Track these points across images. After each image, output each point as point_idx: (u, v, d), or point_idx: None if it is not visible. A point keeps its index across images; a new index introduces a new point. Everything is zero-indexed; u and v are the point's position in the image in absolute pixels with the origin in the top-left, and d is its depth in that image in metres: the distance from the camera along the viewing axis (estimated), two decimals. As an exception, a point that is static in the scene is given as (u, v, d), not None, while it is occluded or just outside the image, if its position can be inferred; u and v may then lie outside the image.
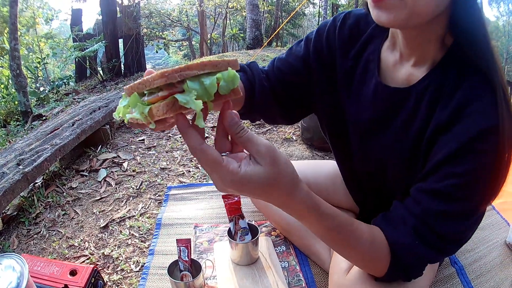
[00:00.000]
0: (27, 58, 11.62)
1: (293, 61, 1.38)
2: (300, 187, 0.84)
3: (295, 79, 1.38)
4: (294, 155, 3.21)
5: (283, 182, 0.79)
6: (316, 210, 0.88)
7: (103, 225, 2.41)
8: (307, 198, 0.86)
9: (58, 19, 26.63)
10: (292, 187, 0.82)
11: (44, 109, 6.94)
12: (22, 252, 2.26)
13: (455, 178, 0.93)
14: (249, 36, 13.29)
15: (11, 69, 6.34)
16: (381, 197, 1.36)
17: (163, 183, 2.87)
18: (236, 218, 1.86)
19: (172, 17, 16.62)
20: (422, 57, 1.05)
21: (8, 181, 2.39)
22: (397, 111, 1.11)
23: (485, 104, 0.90)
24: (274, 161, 0.76)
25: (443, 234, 0.97)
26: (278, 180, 0.77)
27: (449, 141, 0.94)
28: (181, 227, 2.27)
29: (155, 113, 0.67)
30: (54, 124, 3.57)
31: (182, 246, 1.70)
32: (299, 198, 0.84)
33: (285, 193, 0.81)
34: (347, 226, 0.95)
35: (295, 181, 0.83)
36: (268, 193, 0.79)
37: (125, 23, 9.77)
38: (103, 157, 3.38)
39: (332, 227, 0.93)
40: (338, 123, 1.36)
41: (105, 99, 4.31)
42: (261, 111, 1.43)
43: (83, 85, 9.84)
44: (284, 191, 0.81)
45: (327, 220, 0.91)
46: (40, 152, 2.84)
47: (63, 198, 2.79)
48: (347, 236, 0.96)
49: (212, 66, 0.69)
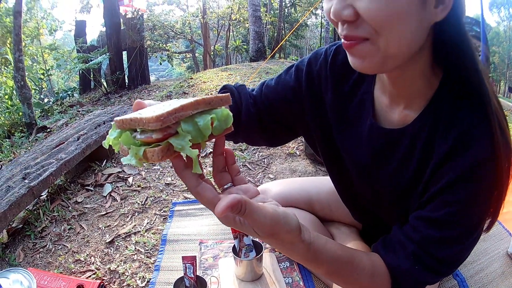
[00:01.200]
0: (31, 69, 11.63)
1: (282, 90, 1.38)
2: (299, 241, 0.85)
3: (283, 107, 1.39)
4: (297, 170, 3.23)
5: (278, 239, 0.81)
6: (315, 260, 0.91)
7: (109, 240, 2.43)
8: (306, 251, 0.87)
9: (62, 30, 26.72)
10: (290, 244, 0.84)
11: (49, 121, 6.97)
12: (28, 266, 2.28)
13: (451, 206, 0.96)
14: (252, 48, 13.33)
15: (16, 80, 6.36)
16: (379, 217, 1.39)
17: (168, 199, 2.89)
18: (240, 236, 1.89)
19: (176, 29, 16.67)
20: (412, 96, 1.06)
21: (14, 194, 2.42)
22: (393, 151, 1.13)
23: (480, 134, 0.92)
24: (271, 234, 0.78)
25: (442, 258, 0.99)
26: (273, 239, 0.80)
27: (446, 172, 0.96)
28: (186, 243, 2.29)
29: (150, 157, 0.67)
30: (59, 138, 3.59)
31: (187, 263, 1.72)
32: (298, 252, 0.86)
33: (284, 247, 0.85)
34: (348, 266, 0.97)
35: (294, 238, 0.84)
36: (262, 240, 0.85)
37: (129, 35, 9.81)
38: (108, 171, 3.41)
39: (332, 271, 0.96)
40: (332, 153, 1.37)
41: (110, 113, 4.34)
42: (245, 135, 1.45)
43: (87, 97, 9.88)
44: (282, 246, 0.84)
45: (327, 266, 0.94)
46: (45, 166, 2.87)
47: (68, 213, 2.81)
48: (348, 274, 0.98)
49: (206, 104, 0.71)
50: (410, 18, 0.85)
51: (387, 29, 0.85)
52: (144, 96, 7.97)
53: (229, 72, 8.53)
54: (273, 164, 3.39)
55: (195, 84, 7.61)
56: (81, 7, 22.06)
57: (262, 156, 3.54)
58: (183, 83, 8.10)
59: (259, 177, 3.17)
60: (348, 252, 0.99)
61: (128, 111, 4.43)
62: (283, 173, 3.21)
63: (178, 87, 7.64)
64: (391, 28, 0.85)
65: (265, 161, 3.44)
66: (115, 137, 0.72)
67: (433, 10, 0.87)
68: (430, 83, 1.02)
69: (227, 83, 1.57)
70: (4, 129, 6.48)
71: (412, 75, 1.01)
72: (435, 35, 0.94)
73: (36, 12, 19.69)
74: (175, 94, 6.99)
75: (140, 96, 8.13)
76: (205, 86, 7.16)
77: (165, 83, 10.50)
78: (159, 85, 9.76)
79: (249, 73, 8.25)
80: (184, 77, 13.49)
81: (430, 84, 1.02)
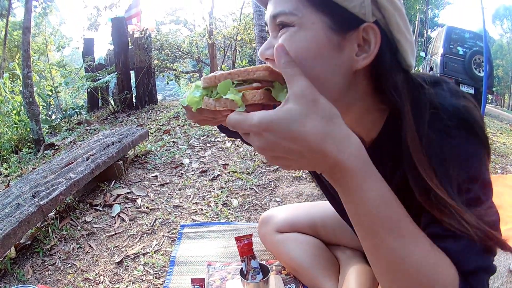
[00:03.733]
0: (38, 85, 11.68)
1: None
2: (342, 123, 0.79)
3: None
4: (304, 193, 3.27)
5: (320, 109, 0.76)
6: (369, 166, 0.81)
7: (118, 260, 2.46)
8: (357, 144, 0.80)
9: (70, 46, 26.86)
10: (331, 116, 0.77)
11: (56, 138, 7.02)
12: (37, 282, 2.30)
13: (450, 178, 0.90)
14: (258, 69, 13.39)
15: (24, 96, 6.39)
16: None
17: (176, 221, 2.93)
18: (248, 259, 1.93)
19: (183, 49, 16.71)
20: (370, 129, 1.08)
21: (24, 212, 2.45)
22: None
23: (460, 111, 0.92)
24: (311, 100, 0.76)
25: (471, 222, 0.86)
26: (313, 111, 0.75)
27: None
28: (194, 265, 2.32)
29: (250, 98, 0.79)
30: (68, 157, 3.64)
31: (196, 285, 1.77)
32: (342, 134, 0.78)
33: (324, 124, 0.75)
34: (426, 244, 0.85)
35: (335, 112, 0.78)
36: (302, 127, 0.73)
37: (136, 55, 9.85)
38: (117, 192, 3.46)
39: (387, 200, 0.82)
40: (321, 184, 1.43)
41: (119, 134, 4.39)
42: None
43: (94, 115, 9.92)
44: (322, 122, 0.75)
45: (384, 189, 0.82)
46: (55, 185, 2.91)
47: (77, 232, 2.85)
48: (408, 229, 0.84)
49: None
50: (319, 62, 0.89)
51: None
52: (151, 116, 8.00)
53: (236, 93, 8.56)
54: (280, 187, 3.43)
55: (202, 105, 7.65)
56: (89, 25, 22.19)
57: (269, 179, 3.58)
58: (191, 103, 8.15)
59: (266, 200, 3.21)
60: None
61: (136, 131, 4.50)
62: (289, 196, 3.25)
63: (185, 108, 7.66)
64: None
65: (272, 184, 3.48)
66: (199, 95, 0.85)
67: (354, 57, 0.91)
68: (382, 113, 1.04)
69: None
70: (11, 144, 6.49)
71: (360, 113, 1.03)
72: (372, 81, 0.97)
73: (44, 28, 19.84)
74: (183, 115, 7.03)
75: (148, 116, 8.17)
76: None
77: (173, 103, 10.52)
78: (167, 105, 9.78)
79: (256, 93, 8.26)
80: (191, 97, 13.51)
81: (382, 114, 1.04)
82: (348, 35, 0.89)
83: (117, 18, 10.46)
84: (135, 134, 4.42)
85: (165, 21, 24.14)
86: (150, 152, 4.78)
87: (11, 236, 2.27)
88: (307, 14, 0.88)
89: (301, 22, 0.88)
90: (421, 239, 0.84)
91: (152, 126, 6.67)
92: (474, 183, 0.90)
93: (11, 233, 2.27)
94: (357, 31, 0.89)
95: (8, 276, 2.38)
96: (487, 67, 6.41)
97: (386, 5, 0.88)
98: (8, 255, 2.53)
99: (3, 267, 2.44)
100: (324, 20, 0.88)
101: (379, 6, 0.88)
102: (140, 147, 4.86)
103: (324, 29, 0.88)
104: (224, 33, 17.84)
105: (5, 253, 2.34)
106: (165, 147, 5.15)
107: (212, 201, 3.25)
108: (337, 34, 0.89)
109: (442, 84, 1.00)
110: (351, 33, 0.89)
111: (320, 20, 0.88)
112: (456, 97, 0.95)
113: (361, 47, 0.91)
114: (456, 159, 0.90)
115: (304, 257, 1.98)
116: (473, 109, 0.93)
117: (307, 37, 0.88)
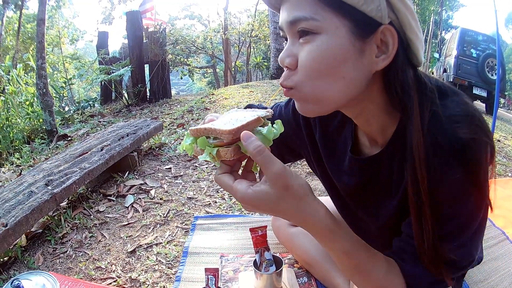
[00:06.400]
0: (52, 77, 11.71)
1: (286, 117, 1.50)
2: (311, 199, 0.92)
3: (289, 135, 1.48)
4: (317, 189, 3.26)
5: (292, 193, 0.89)
6: (331, 229, 0.94)
7: (131, 250, 2.46)
8: (324, 216, 0.93)
9: (83, 39, 27.01)
10: (301, 197, 0.91)
11: (69, 130, 7.04)
12: (48, 270, 2.30)
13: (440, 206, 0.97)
14: (273, 65, 13.30)
15: (38, 87, 6.40)
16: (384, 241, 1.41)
17: (190, 212, 2.93)
18: (261, 250, 1.92)
19: (197, 44, 16.73)
20: (380, 130, 1.11)
21: (37, 200, 2.45)
22: (376, 177, 1.17)
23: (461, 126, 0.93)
24: (283, 186, 0.88)
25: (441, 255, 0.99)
26: (285, 195, 0.88)
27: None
28: (207, 256, 2.33)
29: (223, 155, 0.88)
30: (82, 147, 3.64)
31: (210, 274, 1.76)
32: (309, 210, 0.92)
33: (296, 204, 0.90)
34: (365, 251, 1.01)
35: (305, 192, 0.92)
36: (277, 204, 0.89)
37: (151, 49, 9.86)
38: (130, 183, 3.47)
39: (350, 250, 0.98)
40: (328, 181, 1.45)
41: (133, 126, 4.39)
42: None
43: (108, 108, 9.96)
44: (294, 202, 0.90)
45: (343, 241, 0.97)
46: (69, 174, 2.91)
47: (90, 221, 2.86)
48: (363, 262, 1.00)
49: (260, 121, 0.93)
50: (344, 67, 0.93)
51: (315, 77, 0.94)
52: (165, 110, 8.01)
53: (250, 89, 8.61)
54: (294, 182, 3.41)
55: (216, 100, 7.69)
56: (103, 18, 22.33)
57: (283, 173, 3.57)
58: (205, 98, 8.18)
59: (279, 194, 3.19)
60: (364, 242, 1.03)
61: (151, 124, 4.50)
62: (303, 191, 3.22)
63: (199, 103, 7.72)
64: (319, 77, 0.94)
65: (286, 179, 3.46)
66: (189, 143, 0.94)
67: (374, 59, 0.94)
68: (394, 115, 1.06)
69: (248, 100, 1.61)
70: (23, 135, 6.51)
71: (372, 114, 1.07)
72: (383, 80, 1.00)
73: (58, 21, 19.96)
74: (197, 109, 7.05)
75: (161, 109, 8.18)
76: (226, 102, 7.25)
77: (186, 98, 10.54)
78: (180, 99, 9.80)
79: (270, 90, 8.32)
80: (206, 92, 13.60)
81: (395, 115, 1.06)
82: (369, 39, 0.92)
83: (132, 12, 10.45)
84: (150, 126, 4.42)
85: (180, 16, 24.21)
86: (164, 145, 4.79)
87: (23, 223, 2.27)
88: (328, 18, 0.90)
89: (324, 27, 0.90)
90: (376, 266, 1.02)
91: (166, 119, 6.68)
92: (454, 218, 0.98)
93: (23, 220, 2.27)
94: (376, 33, 0.92)
95: (18, 264, 2.39)
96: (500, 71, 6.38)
97: (399, 7, 0.91)
98: (18, 243, 2.54)
99: (13, 255, 2.45)
100: (346, 24, 0.90)
101: (393, 8, 0.91)
102: (154, 139, 4.87)
103: (348, 34, 0.90)
104: (238, 29, 17.84)
105: (16, 240, 2.34)
106: (179, 140, 5.14)
107: (226, 194, 3.24)
108: (359, 39, 0.91)
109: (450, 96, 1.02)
110: (371, 37, 0.92)
111: (343, 24, 0.90)
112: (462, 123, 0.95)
113: (379, 49, 0.94)
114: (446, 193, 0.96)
115: (317, 251, 1.99)
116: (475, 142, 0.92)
117: (333, 44, 0.91)
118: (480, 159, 0.92)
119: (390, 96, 1.00)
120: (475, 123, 0.93)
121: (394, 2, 0.90)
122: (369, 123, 1.11)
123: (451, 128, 0.93)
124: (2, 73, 7.97)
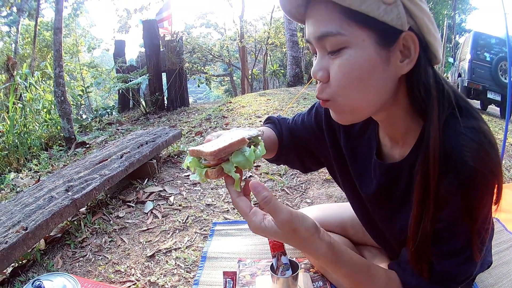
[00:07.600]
0: (69, 85, 11.81)
1: (307, 129, 1.57)
2: (316, 238, 1.00)
3: (310, 142, 1.58)
4: (334, 195, 3.27)
5: (298, 235, 0.97)
6: (332, 260, 1.03)
7: (150, 254, 2.49)
8: (326, 250, 1.01)
9: (100, 48, 27.24)
10: (307, 238, 0.98)
11: (88, 137, 7.11)
12: (67, 272, 2.35)
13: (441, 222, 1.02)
14: (289, 73, 13.34)
15: (56, 95, 6.48)
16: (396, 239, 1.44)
17: (208, 219, 2.96)
18: (278, 255, 1.95)
19: (214, 52, 16.78)
20: (405, 133, 1.15)
21: (57, 205, 2.50)
22: (396, 183, 1.21)
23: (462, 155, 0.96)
24: (291, 230, 0.96)
25: (441, 272, 1.06)
26: (293, 237, 0.97)
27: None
28: (225, 260, 2.35)
29: (210, 175, 0.99)
30: (102, 155, 3.70)
31: (228, 278, 1.80)
32: (318, 250, 1.00)
33: (302, 243, 0.99)
34: (365, 272, 1.09)
35: (311, 233, 0.99)
36: (286, 241, 0.98)
37: (168, 57, 9.91)
38: (150, 190, 3.51)
39: (350, 274, 1.07)
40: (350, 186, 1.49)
41: (152, 134, 4.44)
42: (284, 160, 1.66)
43: (125, 116, 10.03)
44: (300, 241, 0.99)
45: (343, 268, 1.05)
46: (89, 180, 2.96)
47: (109, 226, 2.90)
48: (365, 280, 1.09)
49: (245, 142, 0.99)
50: (374, 76, 0.99)
51: (348, 89, 1.00)
52: (183, 118, 8.04)
53: (267, 97, 8.61)
54: (311, 189, 3.44)
55: (234, 108, 7.69)
56: (119, 27, 22.45)
57: (300, 181, 3.60)
58: (222, 106, 8.18)
59: (296, 201, 3.23)
60: (366, 262, 1.11)
61: (170, 132, 4.56)
62: (320, 198, 3.26)
63: (217, 111, 7.73)
64: (352, 88, 1.00)
65: (303, 186, 3.50)
66: (190, 161, 1.03)
67: (399, 64, 0.99)
68: (418, 120, 1.10)
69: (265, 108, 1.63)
70: (41, 142, 6.59)
71: (397, 117, 1.12)
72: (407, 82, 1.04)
73: (75, 29, 20.16)
74: (214, 117, 7.06)
75: (179, 118, 8.22)
76: (244, 110, 7.25)
77: (204, 106, 10.56)
78: (198, 107, 9.83)
79: (287, 98, 8.32)
80: (223, 100, 13.60)
81: (418, 121, 1.10)
82: (392, 47, 0.97)
83: (148, 20, 10.57)
84: (169, 134, 4.46)
85: (196, 24, 24.26)
86: (182, 153, 4.82)
87: (43, 227, 2.32)
88: (354, 32, 0.95)
89: (351, 41, 0.96)
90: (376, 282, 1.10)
91: (184, 127, 6.70)
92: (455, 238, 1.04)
93: (43, 224, 2.32)
94: (398, 40, 0.97)
95: (37, 266, 2.45)
96: (512, 74, 6.31)
97: (417, 13, 0.95)
98: (37, 246, 2.59)
99: (32, 257, 2.50)
100: (371, 35, 0.95)
101: (411, 14, 0.95)
102: (173, 147, 4.92)
103: (373, 44, 0.96)
104: (255, 37, 17.87)
105: (35, 243, 2.39)
106: (197, 148, 5.14)
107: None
108: (384, 48, 0.96)
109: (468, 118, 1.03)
110: (394, 45, 0.97)
111: (368, 36, 0.95)
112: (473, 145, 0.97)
113: (403, 53, 0.99)
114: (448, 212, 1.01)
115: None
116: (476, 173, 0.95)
117: (361, 56, 0.96)
118: (476, 191, 0.96)
119: (413, 98, 1.04)
120: (481, 155, 0.95)
121: (412, 9, 0.94)
122: (394, 126, 1.16)
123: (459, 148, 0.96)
124: (19, 80, 8.08)
